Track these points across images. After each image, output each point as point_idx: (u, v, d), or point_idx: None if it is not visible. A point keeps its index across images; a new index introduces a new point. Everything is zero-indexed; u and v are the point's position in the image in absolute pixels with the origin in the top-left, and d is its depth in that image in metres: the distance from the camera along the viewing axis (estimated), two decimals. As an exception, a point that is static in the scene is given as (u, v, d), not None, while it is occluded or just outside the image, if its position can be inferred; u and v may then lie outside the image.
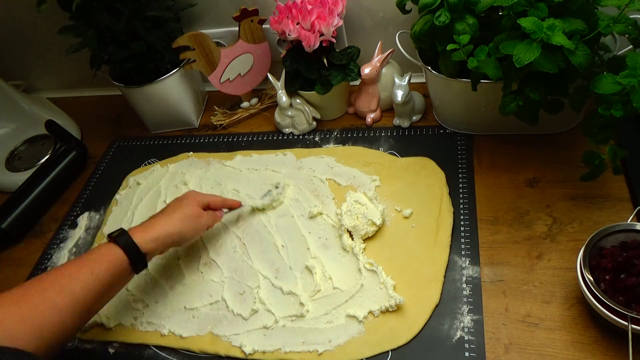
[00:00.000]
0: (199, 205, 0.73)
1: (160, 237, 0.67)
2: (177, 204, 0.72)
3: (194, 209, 0.72)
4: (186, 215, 0.70)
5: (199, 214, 0.72)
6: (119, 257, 0.63)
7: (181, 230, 0.69)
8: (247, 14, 0.94)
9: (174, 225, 0.69)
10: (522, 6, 0.66)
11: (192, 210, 0.72)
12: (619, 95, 0.61)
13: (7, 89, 1.11)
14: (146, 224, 0.69)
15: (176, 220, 0.69)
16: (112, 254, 0.63)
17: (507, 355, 0.61)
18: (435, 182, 0.81)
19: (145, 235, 0.66)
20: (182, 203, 0.72)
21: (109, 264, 0.63)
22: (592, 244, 0.61)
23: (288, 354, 0.67)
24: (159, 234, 0.67)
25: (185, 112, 1.05)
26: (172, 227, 0.69)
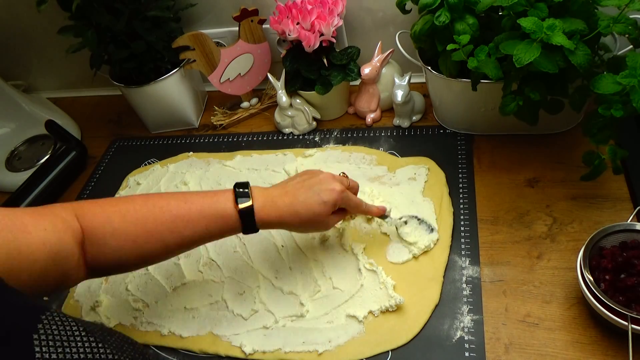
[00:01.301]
0: (335, 207, 0.66)
1: (276, 220, 0.64)
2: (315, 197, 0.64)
3: (324, 212, 0.65)
4: (311, 216, 0.64)
5: (324, 221, 0.66)
6: (234, 223, 0.62)
7: (299, 225, 0.65)
8: (247, 14, 0.94)
9: (293, 220, 0.64)
10: (522, 6, 0.66)
11: (320, 214, 0.64)
12: (619, 95, 0.61)
13: (7, 89, 1.11)
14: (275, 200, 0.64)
15: (298, 217, 0.64)
16: (230, 219, 0.62)
17: (507, 355, 0.61)
18: (435, 182, 0.81)
19: (265, 214, 0.63)
20: (318, 198, 0.64)
21: (224, 225, 0.62)
22: (592, 244, 0.61)
23: (288, 354, 0.67)
24: (277, 218, 0.63)
25: (185, 112, 1.05)
26: (291, 221, 0.64)
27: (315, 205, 0.64)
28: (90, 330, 0.43)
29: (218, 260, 0.79)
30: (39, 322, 0.40)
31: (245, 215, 0.62)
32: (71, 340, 0.41)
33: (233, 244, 0.81)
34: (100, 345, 0.42)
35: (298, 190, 0.65)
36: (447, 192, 0.80)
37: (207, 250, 0.81)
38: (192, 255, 0.81)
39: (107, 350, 0.42)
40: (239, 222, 0.62)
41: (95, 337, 0.42)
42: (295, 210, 0.64)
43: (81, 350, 0.41)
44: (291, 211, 0.64)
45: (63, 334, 0.41)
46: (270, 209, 0.63)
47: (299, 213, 0.64)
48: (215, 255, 0.80)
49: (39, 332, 0.39)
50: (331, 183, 0.66)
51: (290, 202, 0.64)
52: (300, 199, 0.64)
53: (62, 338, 0.40)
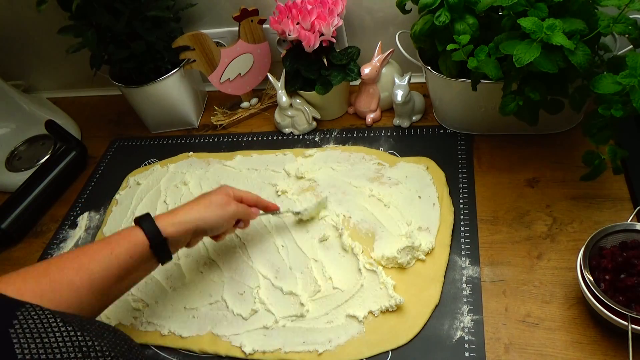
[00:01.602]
0: (229, 197, 0.71)
1: (182, 221, 0.65)
2: (206, 194, 0.71)
3: (221, 197, 0.70)
4: (212, 202, 0.68)
5: (226, 202, 0.70)
6: (139, 238, 0.62)
7: (205, 216, 0.67)
8: (247, 14, 0.94)
9: (198, 211, 0.67)
10: (522, 6, 0.66)
11: (219, 199, 0.69)
12: (619, 95, 0.61)
13: (7, 89, 1.11)
14: (172, 210, 0.67)
15: (201, 206, 0.67)
16: (133, 235, 0.62)
17: (507, 355, 0.61)
18: (435, 182, 0.81)
19: (168, 219, 0.64)
20: (210, 193, 0.71)
21: (129, 244, 0.61)
22: (592, 244, 0.61)
23: (288, 354, 0.67)
24: (181, 219, 0.65)
25: (185, 112, 1.05)
26: (196, 213, 0.67)
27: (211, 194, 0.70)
28: (68, 320, 0.43)
29: (218, 260, 0.79)
30: (14, 318, 0.41)
31: (147, 224, 0.62)
32: (49, 331, 0.41)
33: (233, 243, 0.81)
34: (79, 333, 0.42)
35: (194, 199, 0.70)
36: (447, 192, 0.80)
37: (207, 250, 0.81)
38: (192, 256, 0.81)
39: (87, 337, 0.42)
40: (142, 234, 0.62)
41: (73, 326, 0.43)
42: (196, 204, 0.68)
43: (59, 339, 0.41)
44: (192, 207, 0.67)
45: (40, 326, 0.41)
46: (171, 214, 0.65)
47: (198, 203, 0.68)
48: (215, 255, 0.80)
49: (15, 326, 0.40)
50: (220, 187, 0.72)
51: (190, 204, 0.68)
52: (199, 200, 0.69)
53: (39, 330, 0.41)
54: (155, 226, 0.62)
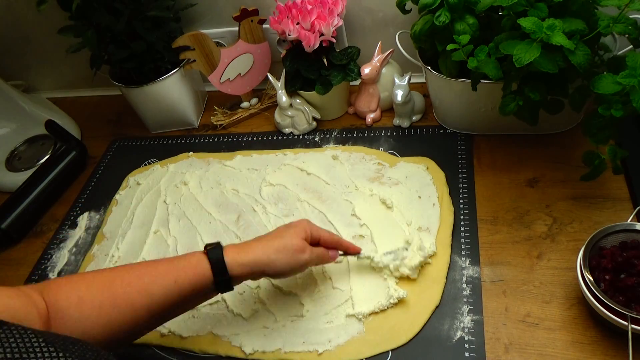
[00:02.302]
0: (306, 239, 0.65)
1: (250, 263, 0.61)
2: (283, 231, 0.65)
3: (297, 241, 0.64)
4: (285, 247, 0.63)
5: (301, 249, 0.64)
6: (204, 272, 0.60)
7: (274, 262, 0.62)
8: (247, 14, 0.94)
9: (269, 256, 0.62)
10: (522, 6, 0.66)
11: (294, 243, 0.63)
12: (619, 95, 0.61)
13: (7, 89, 1.11)
14: (245, 245, 0.63)
15: (272, 250, 0.62)
16: (199, 267, 0.60)
17: (507, 355, 0.61)
18: (435, 182, 0.81)
19: (237, 257, 0.61)
20: (287, 232, 0.65)
21: (193, 276, 0.59)
22: (592, 244, 0.61)
23: (288, 354, 0.67)
24: (250, 260, 0.61)
25: (185, 112, 1.05)
26: (266, 257, 0.62)
27: (285, 234, 0.64)
28: (50, 341, 0.42)
29: (218, 260, 0.79)
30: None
31: (214, 260, 0.60)
32: (30, 351, 0.40)
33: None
34: (61, 354, 0.42)
35: (269, 235, 0.66)
36: (447, 192, 0.80)
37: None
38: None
39: (69, 358, 0.42)
40: (209, 268, 0.60)
41: (55, 347, 0.42)
42: (268, 246, 0.63)
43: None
44: (264, 248, 0.63)
45: (22, 346, 0.40)
46: (241, 251, 0.62)
47: (270, 244, 0.63)
48: (215, 255, 0.80)
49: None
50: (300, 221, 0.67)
51: (262, 243, 0.64)
52: (273, 238, 0.64)
53: (20, 350, 0.40)
54: (223, 262, 0.60)
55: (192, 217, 0.86)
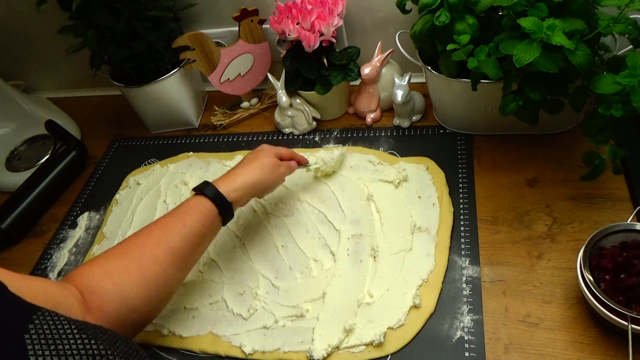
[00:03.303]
0: (275, 156, 0.75)
1: (244, 186, 0.70)
2: (254, 156, 0.74)
3: (271, 159, 0.74)
4: (265, 165, 0.73)
5: (277, 163, 0.75)
6: (208, 207, 0.66)
7: (262, 179, 0.72)
8: (247, 14, 0.94)
9: (255, 174, 0.71)
10: (522, 6, 0.66)
11: (271, 160, 0.74)
12: (619, 95, 0.61)
13: (7, 89, 1.11)
14: (227, 176, 0.71)
15: (257, 170, 0.72)
16: (202, 204, 0.66)
17: (507, 355, 0.61)
18: (435, 182, 0.81)
19: (229, 185, 0.68)
20: (258, 154, 0.74)
21: (200, 214, 0.65)
22: (592, 244, 0.61)
23: (287, 354, 0.67)
24: (243, 184, 0.70)
25: (185, 112, 1.05)
26: (254, 176, 0.71)
27: (259, 156, 0.74)
28: (82, 328, 0.43)
29: (218, 260, 0.79)
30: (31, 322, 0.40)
31: (212, 194, 0.66)
32: (63, 338, 0.41)
33: (233, 243, 0.81)
34: (93, 342, 0.43)
35: (245, 161, 0.74)
36: (447, 192, 0.80)
37: (207, 250, 0.81)
38: (192, 255, 0.81)
39: (100, 346, 0.43)
40: (210, 202, 0.66)
41: (87, 334, 0.43)
42: (251, 168, 0.72)
43: (74, 347, 0.41)
44: (248, 171, 0.71)
45: (55, 332, 0.41)
46: (230, 180, 0.70)
47: (252, 167, 0.72)
48: (215, 255, 0.80)
49: (30, 331, 0.40)
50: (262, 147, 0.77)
51: (244, 168, 0.72)
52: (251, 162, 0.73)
53: (54, 336, 0.41)
54: (220, 193, 0.67)
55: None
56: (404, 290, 0.69)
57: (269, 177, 0.73)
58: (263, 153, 0.75)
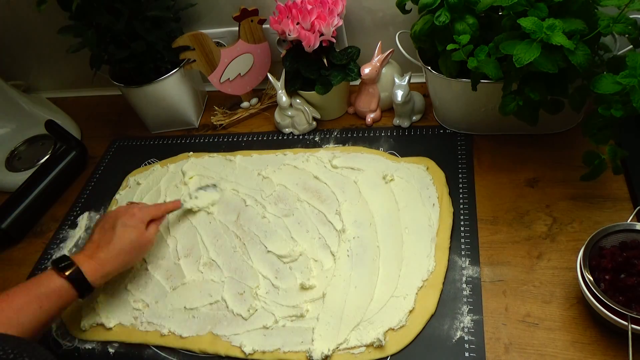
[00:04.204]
0: (145, 225, 0.73)
1: (110, 273, 0.69)
2: (124, 231, 0.71)
3: (141, 235, 0.72)
4: (134, 246, 0.71)
5: (146, 240, 0.73)
6: (69, 293, 0.65)
7: (130, 261, 0.72)
8: (247, 14, 0.94)
9: (124, 260, 0.70)
10: (522, 6, 0.66)
11: (140, 238, 0.72)
12: (619, 95, 0.61)
13: (7, 89, 1.11)
14: (97, 255, 0.68)
15: (125, 254, 0.70)
16: (63, 289, 0.64)
17: (507, 355, 0.61)
18: (435, 182, 0.81)
19: (97, 272, 0.67)
20: (129, 230, 0.71)
21: (59, 299, 0.64)
22: (592, 244, 0.61)
23: (287, 354, 0.67)
24: (110, 271, 0.69)
25: (185, 112, 1.05)
26: (122, 262, 0.70)
27: (128, 234, 0.71)
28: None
29: (218, 260, 0.79)
30: None
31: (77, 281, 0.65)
32: None
33: (233, 244, 0.81)
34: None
35: (106, 236, 0.71)
36: (447, 192, 0.80)
37: (207, 250, 0.81)
38: (192, 255, 0.81)
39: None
40: (72, 288, 0.64)
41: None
42: (119, 251, 0.69)
43: None
44: (117, 255, 0.69)
45: None
46: (98, 265, 0.67)
47: (122, 249, 0.70)
48: (215, 255, 0.80)
49: None
50: (125, 211, 0.74)
51: (110, 249, 0.69)
52: (115, 241, 0.70)
53: None
54: (86, 280, 0.65)
55: (192, 217, 0.86)
56: (404, 291, 0.69)
57: (137, 256, 0.73)
58: (133, 227, 0.71)
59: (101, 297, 0.78)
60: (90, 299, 0.77)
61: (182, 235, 0.84)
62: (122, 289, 0.79)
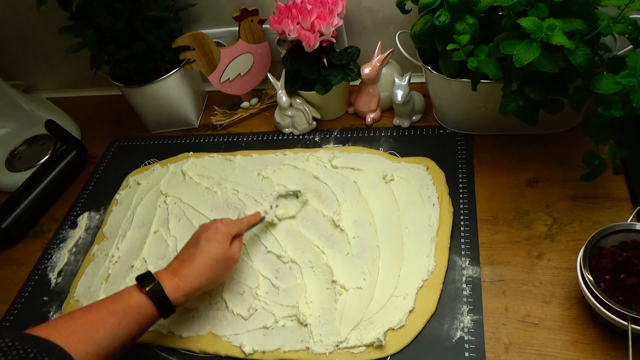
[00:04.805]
0: (229, 241, 0.69)
1: (194, 291, 0.65)
2: (207, 246, 0.67)
3: (225, 251, 0.68)
4: (218, 262, 0.67)
5: (230, 256, 0.69)
6: (149, 310, 0.61)
7: (214, 280, 0.67)
8: (247, 14, 0.94)
9: (208, 278, 0.66)
10: (522, 6, 0.66)
11: (224, 254, 0.68)
12: (619, 95, 0.61)
13: (7, 89, 1.11)
14: (179, 272, 0.65)
15: (209, 271, 0.66)
16: (143, 307, 0.61)
17: (507, 355, 0.61)
18: (435, 182, 0.81)
19: (178, 289, 0.63)
20: (212, 245, 0.67)
21: (139, 316, 0.61)
22: (592, 244, 0.61)
23: (287, 354, 0.67)
24: (193, 288, 0.64)
25: (185, 112, 1.05)
26: (206, 280, 0.66)
27: (212, 249, 0.67)
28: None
29: (218, 260, 0.79)
30: None
31: (157, 297, 0.61)
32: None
33: (233, 244, 0.81)
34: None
35: (189, 251, 0.67)
36: (447, 192, 0.80)
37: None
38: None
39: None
40: (153, 306, 0.61)
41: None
42: (203, 267, 0.65)
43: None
44: (200, 271, 0.65)
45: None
46: (180, 281, 0.64)
47: (205, 265, 0.66)
48: (215, 255, 0.80)
49: None
50: (209, 226, 0.70)
51: (195, 265, 0.65)
52: (198, 256, 0.66)
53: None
54: (167, 297, 0.62)
55: (192, 217, 0.86)
56: (404, 291, 0.69)
57: (221, 274, 0.68)
58: (218, 244, 0.67)
59: (101, 296, 0.78)
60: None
61: (182, 235, 0.84)
62: (123, 289, 0.79)
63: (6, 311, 0.80)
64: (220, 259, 0.67)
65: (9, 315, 0.80)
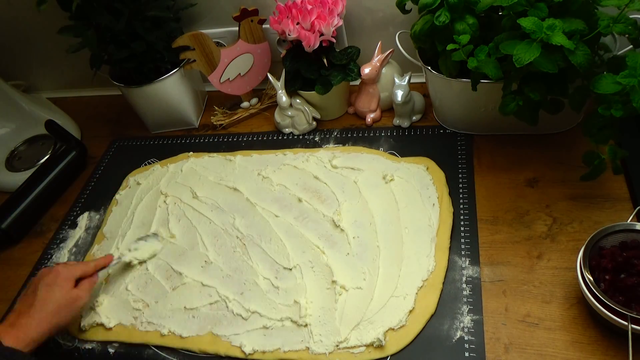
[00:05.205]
0: (72, 283, 0.69)
1: (36, 339, 0.64)
2: (47, 291, 0.67)
3: (67, 293, 0.68)
4: (60, 306, 0.67)
5: (74, 297, 0.68)
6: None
7: (58, 324, 0.67)
8: (247, 14, 0.94)
9: (50, 323, 0.65)
10: (522, 6, 0.66)
11: (66, 296, 0.67)
12: (619, 95, 0.61)
13: (7, 89, 1.11)
14: (18, 322, 0.64)
15: (50, 316, 0.65)
16: None
17: (507, 355, 0.61)
18: (435, 182, 0.81)
19: (19, 341, 0.62)
20: (52, 290, 0.67)
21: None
22: (592, 244, 0.61)
23: (287, 353, 0.67)
24: (34, 337, 0.63)
25: (185, 112, 1.05)
26: (49, 325, 0.65)
27: (52, 294, 0.66)
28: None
29: (218, 260, 0.79)
30: None
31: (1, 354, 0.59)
32: None
33: (233, 244, 0.81)
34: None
35: (28, 300, 0.67)
36: (447, 192, 0.80)
37: (207, 250, 0.81)
38: (192, 256, 0.81)
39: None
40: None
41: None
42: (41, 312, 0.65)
43: None
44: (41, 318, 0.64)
45: None
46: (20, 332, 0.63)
47: (46, 311, 0.65)
48: (215, 255, 0.80)
49: None
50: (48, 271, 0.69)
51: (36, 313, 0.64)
52: (37, 305, 0.65)
53: None
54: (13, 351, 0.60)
55: (192, 218, 0.86)
56: (404, 291, 0.69)
57: (66, 317, 0.67)
58: (58, 288, 0.67)
59: (101, 297, 0.78)
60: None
61: (182, 235, 0.84)
62: (122, 289, 0.79)
63: (6, 311, 0.80)
64: (63, 303, 0.67)
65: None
